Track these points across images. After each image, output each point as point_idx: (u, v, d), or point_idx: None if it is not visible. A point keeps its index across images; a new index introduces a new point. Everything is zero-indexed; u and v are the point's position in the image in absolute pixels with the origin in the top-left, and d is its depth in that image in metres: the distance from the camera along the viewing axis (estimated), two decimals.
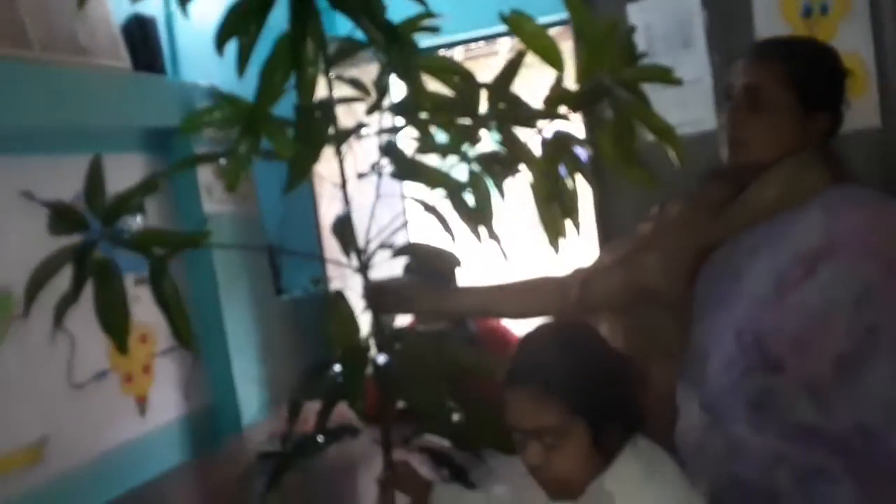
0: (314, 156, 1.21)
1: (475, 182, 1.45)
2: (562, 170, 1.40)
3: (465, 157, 1.49)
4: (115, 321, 1.23)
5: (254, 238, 2.82)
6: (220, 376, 2.68)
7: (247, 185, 2.74)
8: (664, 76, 1.37)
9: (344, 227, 1.37)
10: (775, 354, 1.23)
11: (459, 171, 1.51)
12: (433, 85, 1.36)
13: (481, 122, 1.36)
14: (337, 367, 1.45)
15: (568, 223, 1.57)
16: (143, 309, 2.41)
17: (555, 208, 1.55)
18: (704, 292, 1.37)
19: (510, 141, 1.37)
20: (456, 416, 1.36)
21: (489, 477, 1.58)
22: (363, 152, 1.56)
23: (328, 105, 1.28)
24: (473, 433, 1.40)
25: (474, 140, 1.38)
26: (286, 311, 2.97)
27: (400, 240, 1.55)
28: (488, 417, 1.40)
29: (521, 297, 1.52)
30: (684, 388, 1.38)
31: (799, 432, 1.22)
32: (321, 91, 1.25)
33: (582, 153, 1.48)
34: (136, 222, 1.93)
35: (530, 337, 1.21)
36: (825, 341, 1.19)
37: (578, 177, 1.42)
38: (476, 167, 1.46)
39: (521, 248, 1.61)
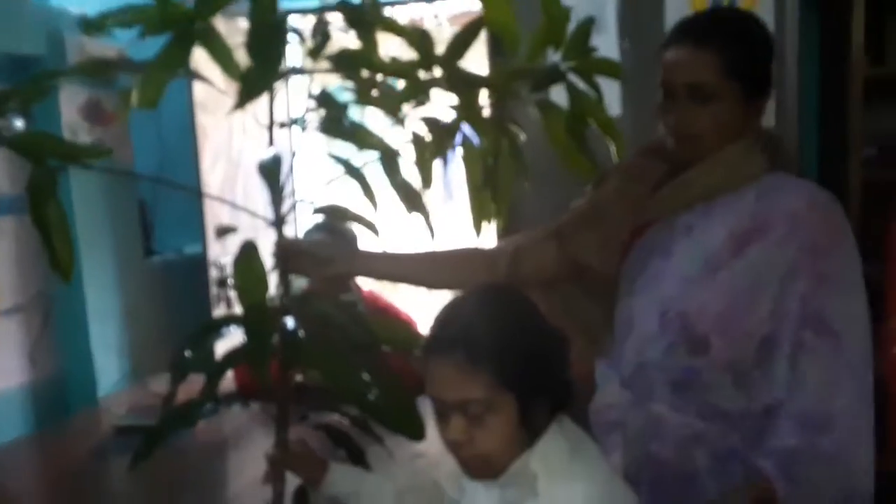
0: (272, 71, 1.05)
1: (420, 147, 1.32)
2: None
3: (401, 121, 1.37)
4: None
5: (125, 192, 2.55)
6: (74, 342, 2.40)
7: (120, 130, 2.47)
8: (612, 70, 1.38)
9: (272, 169, 1.20)
10: (700, 334, 1.21)
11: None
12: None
13: (436, 82, 1.25)
14: (230, 329, 1.28)
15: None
16: None
17: (485, 191, 1.47)
18: (633, 269, 1.32)
19: (467, 101, 1.26)
20: (369, 391, 1.23)
21: (386, 460, 1.47)
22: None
23: (281, 23, 1.11)
24: (386, 412, 1.27)
25: (424, 95, 1.26)
26: (154, 275, 2.71)
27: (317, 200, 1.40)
28: (397, 395, 1.28)
29: (446, 266, 1.40)
30: (604, 366, 1.33)
31: (718, 413, 1.20)
32: None
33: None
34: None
35: (456, 302, 1.10)
36: (750, 322, 1.18)
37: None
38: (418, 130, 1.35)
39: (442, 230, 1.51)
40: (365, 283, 2.35)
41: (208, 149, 2.55)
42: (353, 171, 1.39)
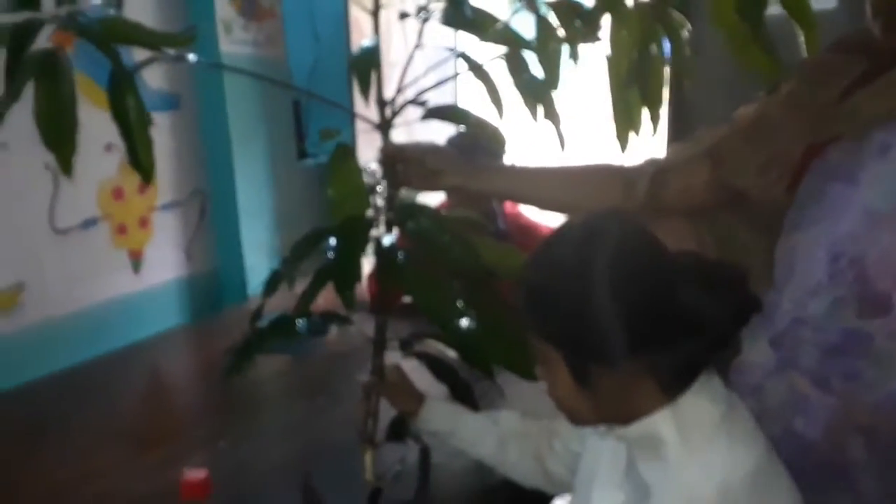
0: None
1: (543, 39, 1.11)
2: None
3: (534, 5, 1.16)
4: (57, 130, 0.94)
5: (279, 91, 2.51)
6: (227, 240, 2.44)
7: (272, 22, 2.40)
8: None
9: (366, 61, 1.05)
10: (880, 289, 0.93)
11: (525, 27, 1.18)
12: None
13: None
14: (330, 242, 1.17)
15: (644, 116, 1.27)
16: None
17: (633, 93, 1.23)
18: (804, 197, 1.03)
19: None
20: (467, 323, 1.07)
21: (497, 400, 1.33)
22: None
23: None
24: (485, 346, 1.12)
25: None
26: (308, 178, 2.69)
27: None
28: (504, 330, 1.12)
29: (574, 185, 1.19)
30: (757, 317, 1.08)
31: (886, 400, 0.92)
32: None
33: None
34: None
35: (557, 230, 0.90)
36: None
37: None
38: (548, 19, 1.13)
39: (582, 141, 1.29)
40: None
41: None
42: (476, 68, 1.21)
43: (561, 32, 1.13)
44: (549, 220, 2.08)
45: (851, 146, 1.00)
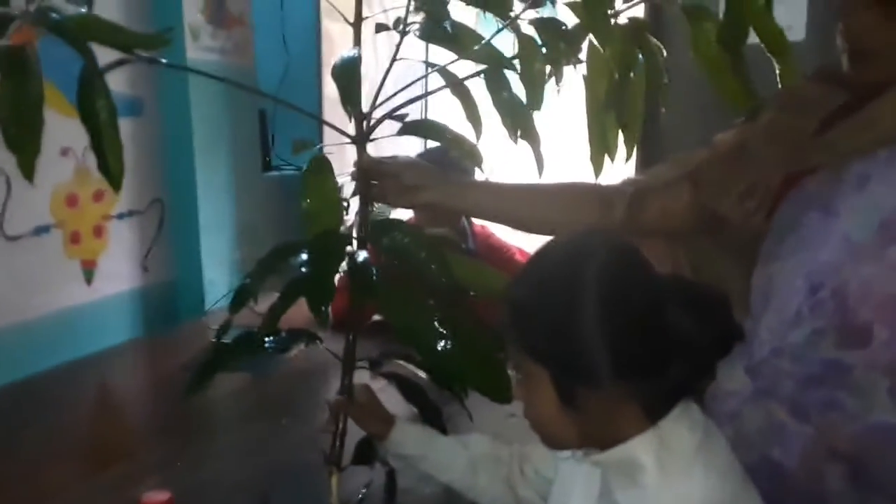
0: None
1: (527, 59, 1.10)
2: None
3: (515, 24, 1.15)
4: (21, 130, 0.89)
5: (246, 101, 2.46)
6: (186, 252, 2.37)
7: (241, 30, 2.36)
8: None
9: (348, 72, 1.02)
10: (860, 321, 0.92)
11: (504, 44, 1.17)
12: None
13: None
14: (299, 258, 1.13)
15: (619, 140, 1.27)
16: None
17: (609, 117, 1.22)
18: (782, 227, 1.04)
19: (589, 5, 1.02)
20: (443, 344, 1.04)
21: (463, 425, 1.30)
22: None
23: None
24: (458, 368, 1.09)
25: None
26: (272, 190, 2.64)
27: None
28: (478, 351, 1.10)
29: (552, 204, 1.18)
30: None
31: (860, 426, 0.92)
32: None
33: None
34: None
35: (543, 247, 0.89)
36: None
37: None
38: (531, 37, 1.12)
39: (557, 163, 1.27)
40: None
41: (334, 57, 2.41)
42: (455, 84, 1.19)
43: (543, 51, 1.12)
44: (519, 240, 2.08)
45: (829, 177, 1.00)
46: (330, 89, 2.44)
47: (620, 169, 1.37)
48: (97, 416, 1.72)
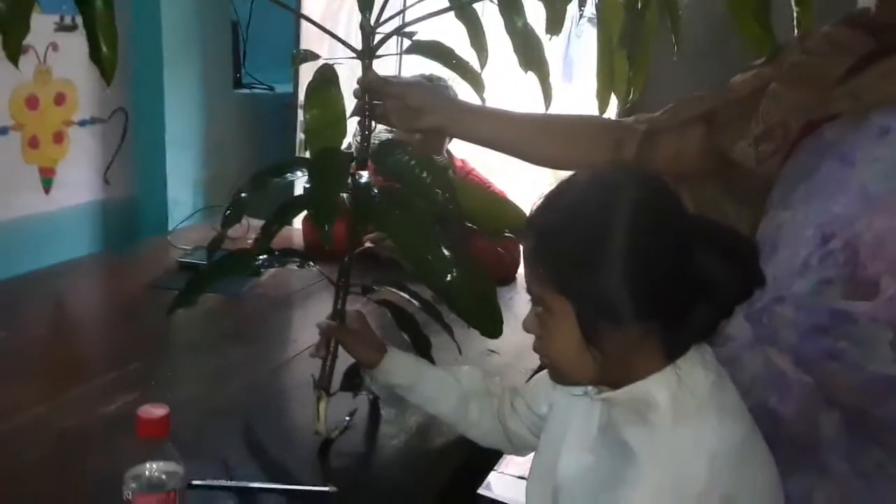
0: None
1: None
2: None
3: None
4: (12, 7, 0.81)
5: (218, 9, 2.34)
6: (150, 167, 2.27)
7: None
8: None
9: None
10: (870, 273, 0.92)
11: None
12: None
13: None
14: (299, 174, 1.08)
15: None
16: (63, 62, 2.01)
17: (619, 55, 1.18)
18: (795, 173, 1.02)
19: None
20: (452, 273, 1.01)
21: (449, 358, 1.29)
22: None
23: None
24: (463, 299, 1.06)
25: None
26: (242, 107, 2.54)
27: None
28: (481, 284, 1.07)
29: (563, 139, 1.13)
30: None
31: (860, 376, 0.93)
32: None
33: None
34: None
35: (565, 181, 0.86)
36: None
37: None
38: None
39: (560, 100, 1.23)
40: (460, 150, 2.11)
41: None
42: (463, 5, 1.13)
43: None
44: (498, 182, 2.04)
45: (848, 126, 0.98)
46: (311, 5, 2.33)
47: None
48: (58, 331, 1.64)
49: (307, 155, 2.28)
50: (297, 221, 1.99)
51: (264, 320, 1.65)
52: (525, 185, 1.98)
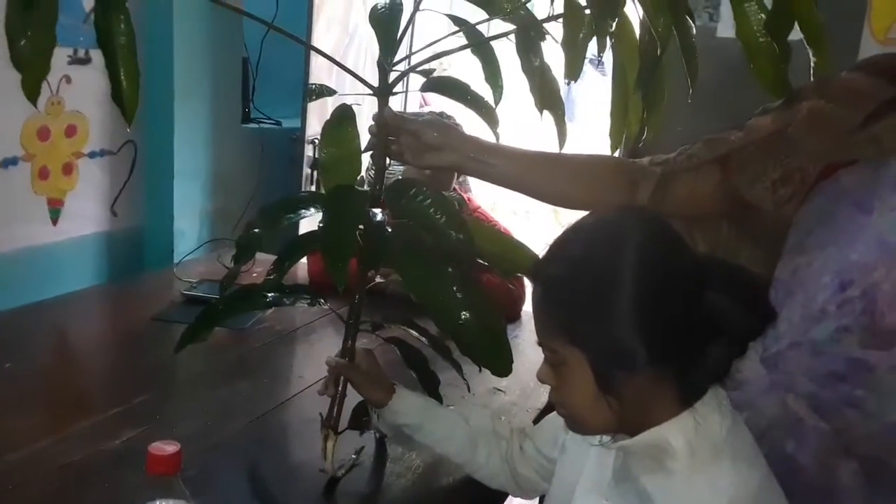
0: None
1: (574, 21, 1.04)
2: None
3: None
4: (32, 47, 0.81)
5: (230, 45, 2.36)
6: (157, 199, 2.27)
7: None
8: None
9: (389, 18, 0.96)
10: (888, 323, 0.92)
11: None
12: None
13: None
14: (311, 210, 1.08)
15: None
16: (75, 94, 2.03)
17: (636, 98, 1.19)
18: (812, 218, 1.02)
19: None
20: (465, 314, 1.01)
21: (454, 396, 1.28)
22: None
23: None
24: (474, 338, 1.05)
25: None
26: (249, 143, 2.55)
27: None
28: (492, 323, 1.06)
29: (579, 179, 1.14)
30: None
31: (877, 424, 0.92)
32: None
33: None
34: None
35: (575, 226, 0.86)
36: None
37: None
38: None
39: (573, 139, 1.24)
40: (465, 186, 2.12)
41: (324, 13, 2.33)
42: (479, 43, 1.14)
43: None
44: (505, 220, 2.04)
45: (865, 172, 0.99)
46: (321, 42, 2.36)
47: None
48: (62, 363, 1.63)
49: (313, 189, 2.29)
50: None
51: (269, 355, 1.63)
52: (528, 222, 1.98)
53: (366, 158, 1.18)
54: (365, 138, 1.12)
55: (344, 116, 1.03)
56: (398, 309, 1.24)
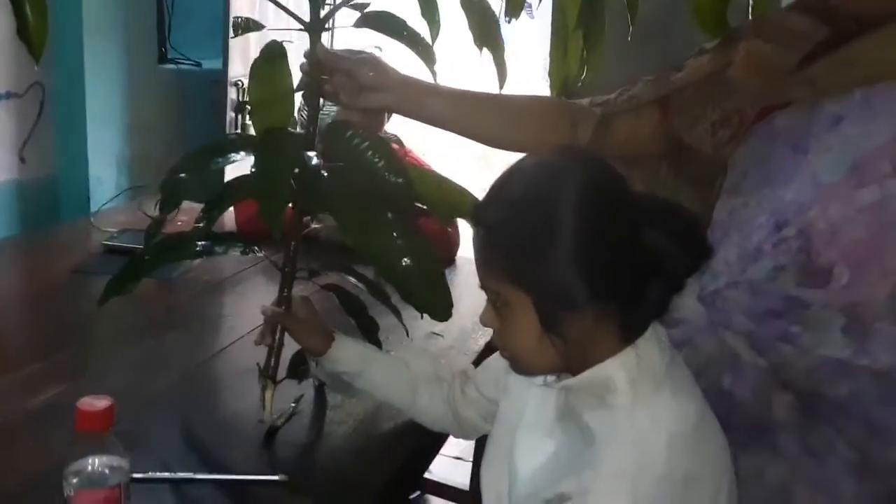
0: None
1: None
2: None
3: None
4: None
5: None
6: (70, 144, 2.15)
7: None
8: None
9: None
10: (823, 261, 0.94)
11: None
12: None
13: None
14: (241, 155, 1.03)
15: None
16: None
17: (575, 37, 1.17)
18: (748, 160, 1.03)
19: None
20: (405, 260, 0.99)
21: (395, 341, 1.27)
22: None
23: None
24: (415, 283, 1.04)
25: None
26: (166, 85, 2.43)
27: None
28: (432, 268, 1.05)
29: (520, 121, 1.12)
30: None
31: (819, 365, 0.95)
32: None
33: None
34: None
35: (515, 166, 0.85)
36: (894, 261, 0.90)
37: None
38: None
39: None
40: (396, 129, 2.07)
41: None
42: None
43: None
44: (433, 164, 2.01)
45: (800, 113, 1.00)
46: None
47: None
48: None
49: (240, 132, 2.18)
50: None
51: (199, 306, 1.59)
52: (457, 164, 1.96)
53: (297, 99, 1.14)
54: (296, 78, 1.07)
55: (274, 53, 0.98)
56: (333, 255, 1.20)
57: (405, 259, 0.98)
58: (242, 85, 2.44)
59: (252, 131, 1.04)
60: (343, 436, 1.16)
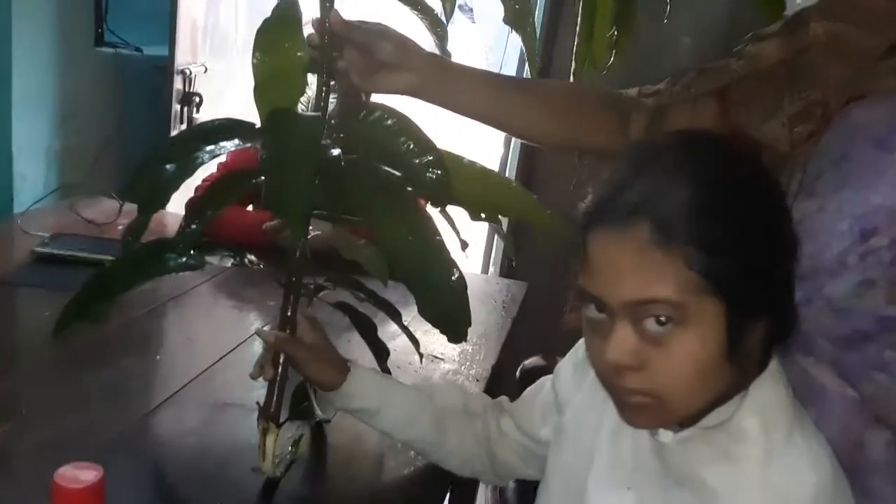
0: None
1: None
2: None
3: None
4: None
5: None
6: None
7: None
8: None
9: None
10: None
11: None
12: None
13: None
14: (234, 142, 0.83)
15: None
16: None
17: (605, 17, 1.04)
18: (823, 159, 0.90)
19: None
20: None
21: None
22: None
23: None
24: (438, 298, 0.87)
25: None
26: (104, 69, 2.17)
27: None
28: (454, 285, 0.88)
29: (562, 114, 0.96)
30: None
31: None
32: None
33: None
34: None
35: (643, 154, 0.69)
36: None
37: None
38: None
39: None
40: None
41: None
42: None
43: None
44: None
45: (880, 106, 0.87)
46: None
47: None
48: None
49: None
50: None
51: (158, 325, 1.36)
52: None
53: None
54: None
55: (286, 16, 0.78)
56: (325, 266, 1.01)
57: (446, 272, 0.81)
58: (190, 73, 2.22)
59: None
60: (350, 479, 0.97)
